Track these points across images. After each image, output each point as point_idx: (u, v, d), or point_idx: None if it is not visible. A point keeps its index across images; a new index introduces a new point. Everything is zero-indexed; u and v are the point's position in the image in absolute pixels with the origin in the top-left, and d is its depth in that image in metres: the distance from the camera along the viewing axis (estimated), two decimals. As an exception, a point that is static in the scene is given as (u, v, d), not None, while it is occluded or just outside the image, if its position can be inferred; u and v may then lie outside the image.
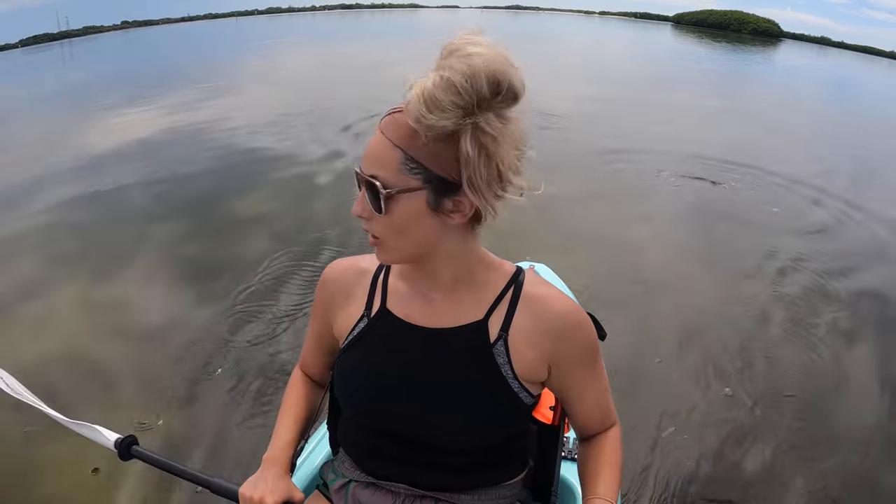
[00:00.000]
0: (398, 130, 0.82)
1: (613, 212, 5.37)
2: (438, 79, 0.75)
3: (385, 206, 0.84)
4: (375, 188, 0.83)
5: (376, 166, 0.83)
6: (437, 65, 0.78)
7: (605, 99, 11.56)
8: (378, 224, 0.87)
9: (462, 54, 0.75)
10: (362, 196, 0.86)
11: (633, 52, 29.69)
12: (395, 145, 0.82)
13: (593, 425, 1.04)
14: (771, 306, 3.68)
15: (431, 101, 0.75)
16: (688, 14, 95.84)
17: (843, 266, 4.32)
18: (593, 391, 1.01)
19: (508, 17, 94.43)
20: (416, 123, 0.78)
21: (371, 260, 1.05)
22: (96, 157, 7.31)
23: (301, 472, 1.35)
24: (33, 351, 3.11)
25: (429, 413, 0.95)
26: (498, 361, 0.94)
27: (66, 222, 5.22)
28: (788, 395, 2.83)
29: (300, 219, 5.02)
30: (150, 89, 12.79)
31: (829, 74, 27.42)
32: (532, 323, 0.94)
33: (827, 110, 13.64)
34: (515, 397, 0.95)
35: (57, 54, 39.35)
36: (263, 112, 9.51)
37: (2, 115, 11.67)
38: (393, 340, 0.99)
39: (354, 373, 1.00)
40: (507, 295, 0.96)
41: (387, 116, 0.84)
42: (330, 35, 36.20)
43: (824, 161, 7.60)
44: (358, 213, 0.88)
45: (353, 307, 1.03)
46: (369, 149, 0.85)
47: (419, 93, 0.76)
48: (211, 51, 29.14)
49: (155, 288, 3.86)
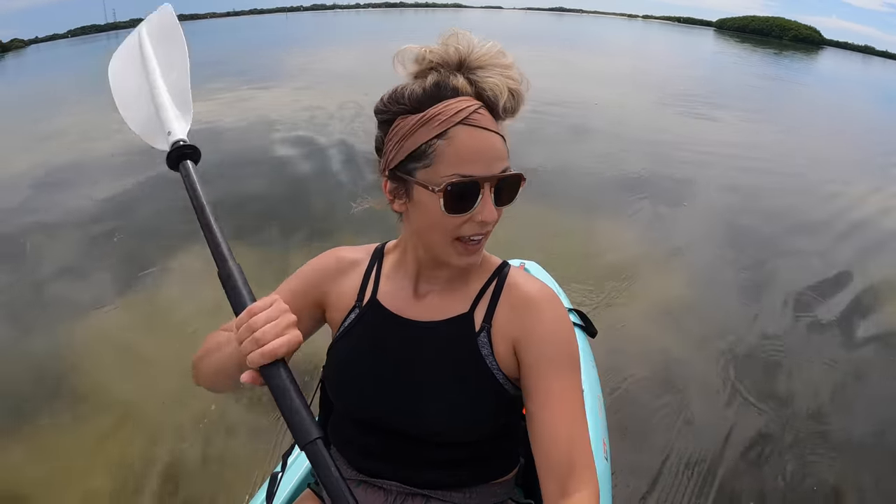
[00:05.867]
0: (493, 123, 0.85)
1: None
2: (511, 80, 0.84)
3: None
4: (517, 178, 0.86)
5: (503, 160, 0.85)
6: (482, 66, 0.85)
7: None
8: (496, 220, 0.88)
9: (503, 54, 0.86)
10: (489, 198, 0.84)
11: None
12: (503, 136, 0.86)
13: (557, 465, 0.83)
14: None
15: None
16: (730, 20, 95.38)
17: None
18: (559, 405, 0.87)
19: (553, 19, 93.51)
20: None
21: (364, 251, 1.07)
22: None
23: (291, 470, 1.33)
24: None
25: (416, 405, 0.94)
26: (482, 353, 0.94)
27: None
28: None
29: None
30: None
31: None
32: (508, 311, 0.95)
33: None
34: (501, 389, 0.94)
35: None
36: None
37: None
38: (382, 333, 0.99)
39: (344, 365, 1.01)
40: (491, 287, 0.98)
41: (475, 114, 0.83)
42: (398, 32, 35.96)
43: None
44: (495, 217, 0.87)
45: (346, 296, 1.03)
46: (484, 148, 0.83)
47: (513, 90, 0.84)
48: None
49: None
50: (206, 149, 1.04)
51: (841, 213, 5.76)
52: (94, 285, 3.90)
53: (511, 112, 0.86)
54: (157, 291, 3.83)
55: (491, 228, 0.89)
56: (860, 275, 4.32)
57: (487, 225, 0.87)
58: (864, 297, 4.00)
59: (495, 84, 0.83)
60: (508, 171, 0.85)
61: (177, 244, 4.30)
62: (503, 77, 0.84)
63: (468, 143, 0.82)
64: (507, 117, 0.87)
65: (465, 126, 0.82)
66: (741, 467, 2.40)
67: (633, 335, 3.35)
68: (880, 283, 4.23)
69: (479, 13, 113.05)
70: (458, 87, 0.84)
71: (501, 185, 0.85)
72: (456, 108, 0.83)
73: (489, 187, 0.84)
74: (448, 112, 0.83)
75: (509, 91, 0.84)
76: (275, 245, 4.40)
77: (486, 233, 0.89)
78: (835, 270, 4.40)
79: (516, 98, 0.85)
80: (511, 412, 1.00)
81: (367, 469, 1.03)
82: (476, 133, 0.83)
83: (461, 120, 0.82)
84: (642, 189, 5.98)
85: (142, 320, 3.51)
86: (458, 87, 0.84)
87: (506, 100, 0.84)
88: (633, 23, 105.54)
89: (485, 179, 0.83)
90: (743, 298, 3.92)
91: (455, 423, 0.94)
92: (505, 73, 0.84)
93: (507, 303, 0.96)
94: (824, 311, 3.79)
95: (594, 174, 6.54)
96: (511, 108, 0.86)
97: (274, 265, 3.86)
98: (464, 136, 0.82)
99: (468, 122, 0.82)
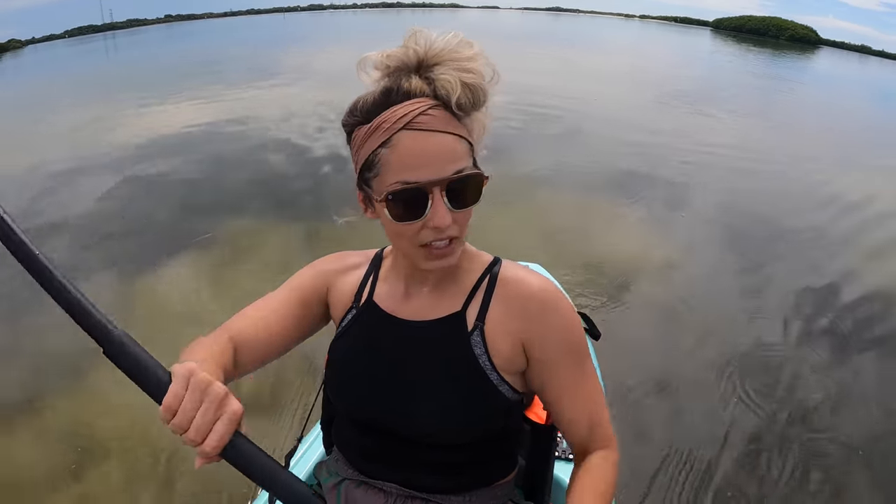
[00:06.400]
0: (447, 123, 0.82)
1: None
2: (477, 67, 0.81)
3: (482, 190, 0.84)
4: (474, 178, 0.83)
5: (456, 162, 0.82)
6: (441, 61, 0.82)
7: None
8: (458, 223, 0.85)
9: (465, 46, 0.82)
10: (440, 202, 0.81)
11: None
12: (457, 135, 0.82)
13: (579, 438, 0.95)
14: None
15: (481, 91, 0.82)
16: (727, 20, 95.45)
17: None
18: (576, 393, 0.93)
19: (550, 18, 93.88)
20: (476, 106, 0.83)
21: (364, 257, 1.08)
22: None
23: (294, 471, 1.30)
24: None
25: (408, 405, 0.93)
26: (475, 352, 0.92)
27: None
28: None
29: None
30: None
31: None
32: (505, 308, 0.93)
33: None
34: (495, 390, 0.92)
35: (153, 37, 40.38)
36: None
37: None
38: (376, 332, 0.99)
39: (341, 364, 1.01)
40: (483, 284, 0.96)
41: (419, 117, 0.80)
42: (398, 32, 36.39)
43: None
44: (448, 222, 0.83)
45: (346, 295, 1.04)
46: (429, 151, 0.81)
47: (475, 80, 0.81)
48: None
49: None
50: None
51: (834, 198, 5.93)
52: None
53: (469, 107, 0.82)
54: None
55: (457, 233, 0.85)
56: (856, 275, 4.36)
57: (442, 231, 0.83)
58: (866, 299, 4.03)
59: (447, 80, 0.80)
60: (464, 171, 0.82)
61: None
62: (457, 71, 0.80)
63: (411, 149, 0.80)
64: (466, 113, 0.83)
65: (407, 131, 0.80)
66: (739, 468, 2.42)
67: (635, 336, 3.36)
68: (881, 284, 4.25)
69: (476, 13, 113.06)
70: (410, 89, 0.82)
71: (456, 187, 0.82)
72: (400, 114, 0.81)
73: (439, 191, 0.81)
74: (391, 119, 0.81)
75: (464, 85, 0.80)
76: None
77: (452, 237, 0.85)
78: (831, 265, 4.46)
79: (473, 92, 0.81)
80: (508, 415, 0.97)
81: (367, 470, 1.02)
82: (420, 137, 0.80)
83: (404, 126, 0.80)
84: (641, 186, 6.03)
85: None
86: (411, 90, 0.82)
87: (458, 95, 0.80)
88: (629, 23, 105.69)
89: (432, 184, 0.81)
90: (745, 298, 3.94)
91: (446, 425, 0.92)
92: (462, 65, 0.81)
93: (502, 299, 0.94)
94: (825, 311, 3.81)
95: (591, 171, 6.56)
96: (467, 103, 0.82)
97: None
98: (407, 141, 0.81)
99: (411, 126, 0.80)
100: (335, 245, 1.20)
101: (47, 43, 64.35)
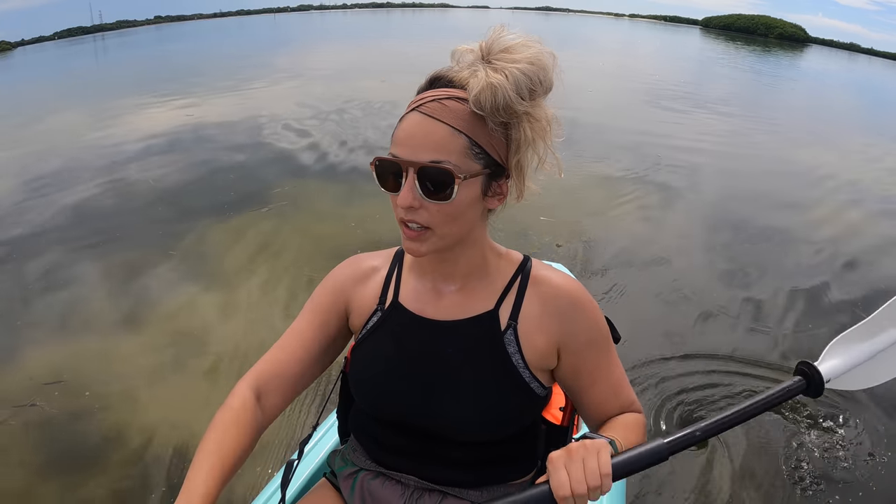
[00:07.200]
0: (457, 116, 0.82)
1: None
2: (517, 70, 0.79)
3: (456, 192, 0.82)
4: (446, 173, 0.81)
5: (439, 152, 0.81)
6: (491, 58, 0.82)
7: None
8: (429, 212, 0.84)
9: (523, 47, 0.81)
10: (411, 184, 0.82)
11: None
12: (459, 130, 0.81)
13: (611, 411, 0.98)
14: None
15: (519, 89, 0.79)
16: (716, 18, 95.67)
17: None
18: (607, 378, 0.97)
19: (540, 18, 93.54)
20: (498, 110, 0.80)
21: (384, 257, 1.07)
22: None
23: (308, 458, 1.34)
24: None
25: (439, 405, 0.94)
26: (509, 351, 0.93)
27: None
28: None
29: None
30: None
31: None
32: (539, 307, 0.94)
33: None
34: (527, 388, 0.93)
35: (145, 38, 40.07)
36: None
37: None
38: (404, 334, 0.98)
39: (367, 365, 1.00)
40: (516, 283, 0.96)
41: (431, 102, 0.83)
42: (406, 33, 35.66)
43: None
44: (409, 204, 0.83)
45: (368, 299, 1.03)
46: (418, 134, 0.82)
47: (503, 82, 0.79)
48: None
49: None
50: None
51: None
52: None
53: (488, 109, 0.82)
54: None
55: (425, 221, 0.85)
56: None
57: (406, 211, 0.84)
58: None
59: (479, 77, 0.81)
60: (441, 164, 0.82)
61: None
62: (493, 71, 0.81)
63: (407, 127, 0.84)
64: (485, 113, 0.82)
65: (415, 112, 0.84)
66: (752, 472, 2.40)
67: (649, 331, 3.40)
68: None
69: (466, 13, 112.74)
70: (453, 78, 0.86)
71: (427, 175, 0.82)
72: (420, 98, 0.86)
73: (413, 172, 0.82)
74: (415, 100, 0.86)
75: (489, 85, 0.80)
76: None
77: (423, 225, 0.85)
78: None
79: (495, 95, 0.80)
80: (535, 412, 1.00)
81: (386, 462, 1.04)
82: (420, 120, 0.83)
83: (415, 107, 0.85)
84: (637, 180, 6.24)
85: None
86: (454, 79, 0.86)
87: (478, 92, 0.81)
88: (620, 22, 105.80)
89: (407, 163, 0.82)
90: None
91: (477, 424, 0.93)
92: (502, 66, 0.81)
93: (536, 298, 0.95)
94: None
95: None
96: (486, 103, 0.81)
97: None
98: (410, 120, 0.85)
99: (420, 108, 0.84)
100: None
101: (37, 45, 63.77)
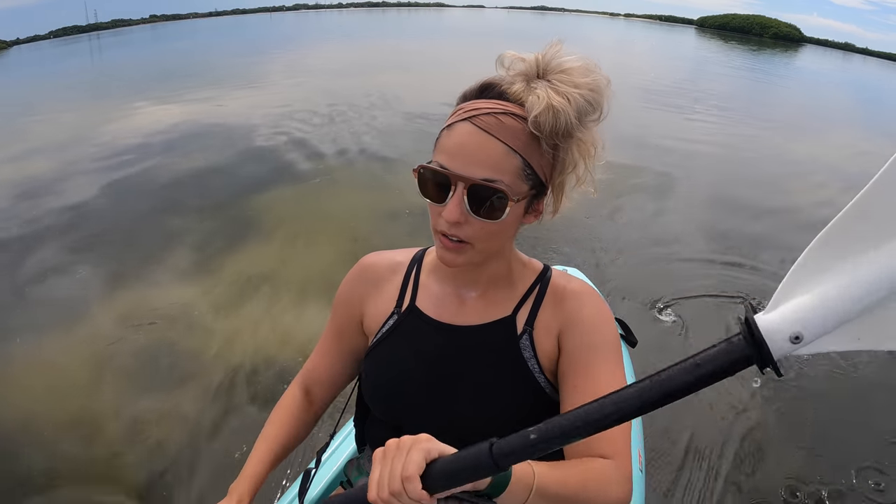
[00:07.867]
0: (514, 135, 0.79)
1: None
2: (579, 96, 0.77)
3: (507, 214, 0.81)
4: (500, 194, 0.79)
5: (493, 171, 0.79)
6: (549, 77, 0.80)
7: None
8: (473, 228, 0.82)
9: (585, 72, 0.79)
10: (459, 199, 0.80)
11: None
12: (514, 150, 0.80)
13: (586, 443, 0.81)
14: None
15: (580, 115, 0.78)
16: (711, 18, 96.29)
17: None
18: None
19: (536, 17, 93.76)
20: (557, 134, 0.79)
21: (404, 255, 1.06)
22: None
23: (325, 467, 1.34)
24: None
25: (455, 410, 0.93)
26: (524, 355, 0.92)
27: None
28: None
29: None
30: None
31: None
32: (552, 312, 0.94)
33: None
34: (542, 392, 0.92)
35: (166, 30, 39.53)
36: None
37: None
38: (421, 338, 0.98)
39: (382, 370, 1.00)
40: (535, 290, 0.96)
41: (486, 116, 0.80)
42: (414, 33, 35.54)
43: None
44: (455, 219, 0.80)
45: (384, 302, 1.02)
46: (471, 148, 0.79)
47: (566, 107, 0.77)
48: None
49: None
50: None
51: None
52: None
53: (548, 131, 0.79)
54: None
55: (468, 237, 0.83)
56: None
57: (450, 225, 0.81)
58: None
59: (538, 95, 0.78)
60: (494, 183, 0.79)
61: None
62: (555, 93, 0.78)
63: (458, 138, 0.80)
64: (543, 134, 0.79)
65: (468, 123, 0.80)
66: (771, 475, 2.34)
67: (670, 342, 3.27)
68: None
69: (461, 12, 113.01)
70: (508, 92, 0.82)
71: (478, 193, 0.79)
72: (473, 107, 0.81)
73: (463, 188, 0.79)
74: (466, 108, 0.82)
75: (550, 107, 0.77)
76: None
77: (464, 239, 0.83)
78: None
79: (556, 117, 0.77)
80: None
81: None
82: (474, 133, 0.79)
83: (468, 117, 0.80)
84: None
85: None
86: (509, 93, 0.82)
87: (539, 113, 0.77)
88: (615, 21, 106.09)
89: (458, 178, 0.79)
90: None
91: (496, 428, 0.85)
92: (563, 89, 0.78)
93: (551, 304, 0.94)
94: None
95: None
96: (546, 125, 0.78)
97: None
98: (461, 131, 0.80)
99: (474, 120, 0.80)
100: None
101: (32, 44, 63.65)
